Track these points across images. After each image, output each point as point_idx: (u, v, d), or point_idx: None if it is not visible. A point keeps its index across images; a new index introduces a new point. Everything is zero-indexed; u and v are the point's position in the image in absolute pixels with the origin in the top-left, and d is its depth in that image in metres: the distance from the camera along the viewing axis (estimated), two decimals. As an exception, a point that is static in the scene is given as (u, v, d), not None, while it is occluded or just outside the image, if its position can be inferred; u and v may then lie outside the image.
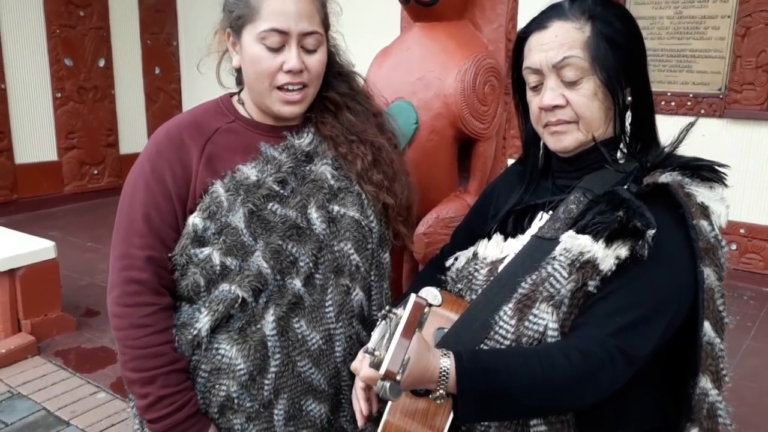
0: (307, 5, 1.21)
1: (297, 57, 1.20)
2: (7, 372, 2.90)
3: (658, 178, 1.00)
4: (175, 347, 1.22)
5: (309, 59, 1.22)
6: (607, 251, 0.94)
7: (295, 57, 1.20)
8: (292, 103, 1.24)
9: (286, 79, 1.21)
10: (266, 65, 1.21)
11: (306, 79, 1.23)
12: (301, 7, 1.19)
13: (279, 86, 1.22)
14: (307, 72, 1.23)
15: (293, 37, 1.19)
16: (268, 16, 1.18)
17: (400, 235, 1.40)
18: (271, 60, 1.20)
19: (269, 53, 1.20)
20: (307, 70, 1.22)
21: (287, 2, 1.18)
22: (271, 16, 1.18)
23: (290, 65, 1.19)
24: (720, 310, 1.00)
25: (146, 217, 1.21)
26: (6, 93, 5.63)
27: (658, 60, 4.20)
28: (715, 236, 1.00)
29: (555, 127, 1.09)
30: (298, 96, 1.24)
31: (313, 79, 1.25)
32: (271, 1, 1.18)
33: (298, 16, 1.19)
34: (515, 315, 1.00)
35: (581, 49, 1.05)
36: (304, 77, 1.23)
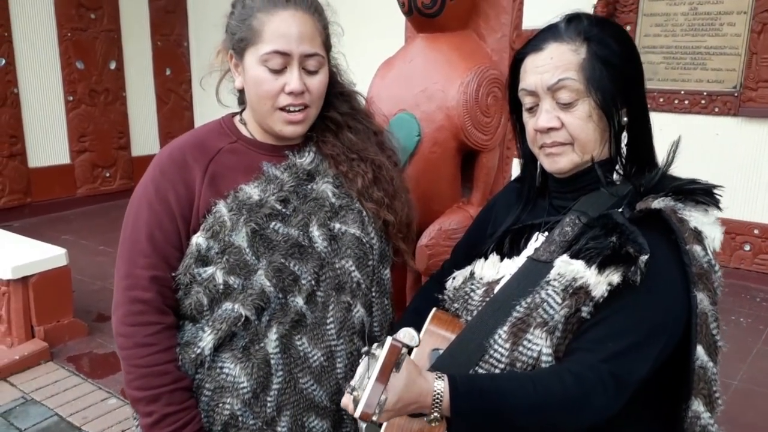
0: (309, 28, 1.22)
1: (298, 79, 1.21)
2: (21, 378, 2.94)
3: (651, 204, 1.00)
4: (179, 366, 1.23)
5: (310, 81, 1.23)
6: (599, 277, 0.94)
7: (297, 79, 1.20)
8: (294, 123, 1.25)
9: (288, 101, 1.22)
10: (268, 87, 1.22)
11: (307, 100, 1.24)
12: (303, 29, 1.20)
13: (281, 107, 1.23)
14: (308, 93, 1.24)
15: (295, 58, 1.20)
16: (270, 38, 1.19)
17: (400, 252, 1.42)
18: (273, 82, 1.21)
19: (271, 75, 1.21)
20: (308, 92, 1.23)
21: (289, 25, 1.20)
22: (273, 38, 1.19)
23: (292, 87, 1.20)
24: (713, 334, 1.00)
25: (150, 237, 1.23)
26: (19, 97, 5.69)
27: (672, 57, 4.15)
28: (708, 261, 0.99)
29: (550, 148, 1.09)
30: (299, 116, 1.25)
31: (315, 100, 1.26)
32: (273, 24, 1.20)
33: (300, 39, 1.20)
34: (510, 339, 1.00)
35: (576, 72, 1.04)
36: (305, 98, 1.24)
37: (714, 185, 1.05)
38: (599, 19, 1.10)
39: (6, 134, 5.60)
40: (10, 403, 2.74)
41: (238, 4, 1.27)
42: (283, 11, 1.21)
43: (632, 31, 4.20)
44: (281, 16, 1.20)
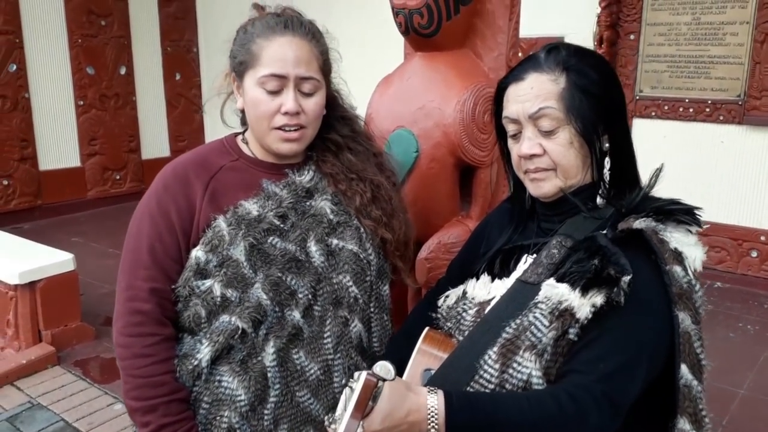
0: (305, 52, 1.26)
1: (293, 100, 1.25)
2: (27, 382, 2.99)
3: (632, 224, 1.02)
4: (176, 377, 1.26)
5: (306, 102, 1.28)
6: (583, 300, 0.96)
7: (292, 100, 1.25)
8: (290, 140, 1.29)
9: (284, 121, 1.27)
10: (265, 108, 1.27)
11: (303, 121, 1.29)
12: (299, 53, 1.25)
13: (277, 127, 1.28)
14: (304, 114, 1.28)
15: (291, 81, 1.25)
16: (267, 62, 1.25)
17: (397, 269, 1.45)
18: (270, 103, 1.26)
19: (268, 96, 1.26)
20: (304, 113, 1.28)
21: (286, 49, 1.25)
22: (270, 62, 1.25)
23: (287, 107, 1.25)
24: (697, 353, 1.03)
25: (151, 250, 1.27)
26: (30, 102, 5.76)
27: (675, 66, 4.16)
28: (688, 281, 1.02)
29: (534, 174, 1.13)
30: (295, 135, 1.29)
31: (311, 121, 1.30)
32: (271, 49, 1.25)
33: (296, 62, 1.25)
34: (499, 359, 1.02)
35: (556, 101, 1.08)
36: (301, 119, 1.28)
37: (694, 206, 1.08)
38: (578, 50, 1.14)
39: (17, 138, 5.68)
40: (16, 408, 2.78)
41: (240, 31, 1.33)
42: (280, 37, 1.26)
43: (636, 40, 4.21)
44: (279, 41, 1.26)
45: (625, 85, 4.30)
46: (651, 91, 4.24)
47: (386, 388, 0.91)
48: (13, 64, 5.58)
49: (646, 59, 4.22)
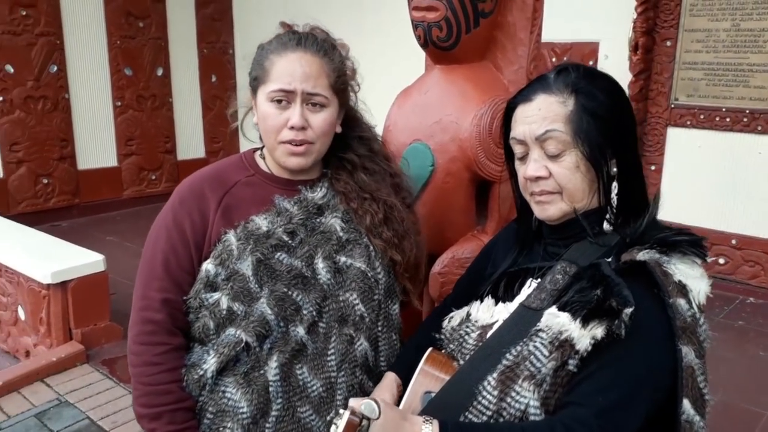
0: (314, 69, 1.28)
1: (299, 115, 1.27)
2: (57, 379, 3.06)
3: (636, 255, 1.00)
4: (183, 386, 1.29)
5: (313, 117, 1.29)
6: (583, 331, 0.94)
7: (298, 115, 1.27)
8: (296, 154, 1.31)
9: (290, 136, 1.29)
10: (272, 122, 1.29)
11: (309, 136, 1.30)
12: (307, 69, 1.27)
13: (284, 141, 1.30)
14: (311, 129, 1.29)
15: (297, 95, 1.27)
16: (276, 77, 1.28)
17: (406, 291, 1.44)
18: (278, 117, 1.29)
19: (276, 110, 1.29)
20: (311, 128, 1.29)
21: (294, 65, 1.27)
22: (279, 77, 1.27)
23: (292, 122, 1.28)
24: (701, 388, 1.00)
25: (165, 262, 1.30)
26: (69, 102, 5.91)
27: (713, 74, 4.05)
28: (692, 315, 0.99)
29: (539, 197, 1.12)
30: (301, 149, 1.30)
31: (318, 136, 1.31)
32: (281, 65, 1.28)
33: (304, 78, 1.27)
34: (498, 386, 1.01)
35: (563, 123, 1.06)
36: (308, 134, 1.29)
37: (700, 237, 1.04)
38: (588, 72, 1.11)
39: (57, 138, 5.83)
40: (45, 404, 2.85)
41: (259, 48, 1.36)
42: (291, 53, 1.28)
43: (672, 47, 4.11)
44: (289, 57, 1.28)
45: (660, 93, 4.20)
46: (687, 99, 4.13)
47: (381, 417, 0.90)
48: (53, 65, 5.74)
49: (682, 66, 4.11)
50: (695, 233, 1.06)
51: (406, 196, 1.49)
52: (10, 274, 3.43)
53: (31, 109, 5.63)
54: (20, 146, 5.61)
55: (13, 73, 5.50)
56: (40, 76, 5.65)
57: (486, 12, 1.70)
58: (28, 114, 5.62)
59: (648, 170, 4.30)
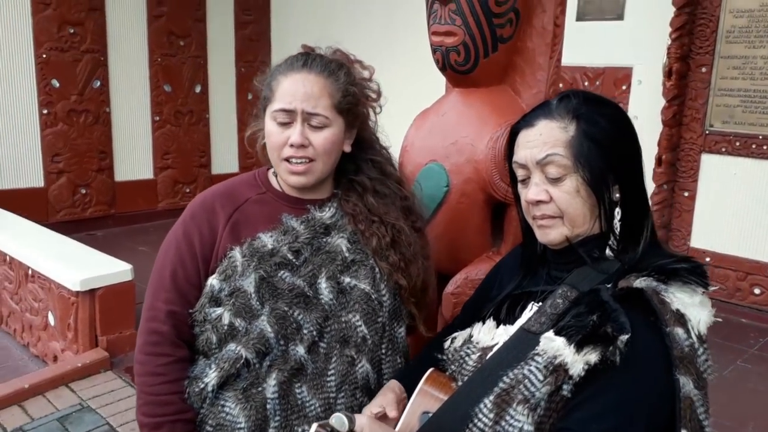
0: (316, 89, 1.30)
1: (300, 133, 1.29)
2: (81, 385, 3.13)
3: (633, 282, 0.99)
4: (184, 398, 1.30)
5: (314, 136, 1.30)
6: (577, 356, 0.93)
7: (298, 133, 1.29)
8: (297, 173, 1.32)
9: (290, 153, 1.31)
10: (274, 139, 1.32)
11: (311, 154, 1.31)
12: (309, 90, 1.29)
13: (285, 158, 1.32)
14: (312, 147, 1.31)
15: (298, 114, 1.29)
16: (280, 97, 1.30)
17: (412, 315, 1.43)
18: (280, 135, 1.31)
19: (278, 129, 1.31)
20: (312, 146, 1.30)
21: (297, 85, 1.29)
22: (282, 97, 1.30)
23: (292, 140, 1.29)
24: (700, 419, 0.97)
25: (173, 274, 1.32)
26: (110, 116, 6.10)
27: (749, 101, 3.97)
28: (690, 345, 0.97)
29: (541, 221, 1.12)
30: (301, 167, 1.32)
31: (320, 154, 1.32)
32: (285, 85, 1.30)
33: (305, 98, 1.29)
34: (494, 409, 1.00)
35: (564, 148, 1.07)
36: (308, 152, 1.31)
37: (697, 264, 1.03)
38: (591, 98, 1.11)
39: (96, 150, 6.01)
40: (68, 409, 2.92)
41: (269, 69, 1.38)
42: (296, 74, 1.31)
43: (708, 73, 4.05)
44: (293, 78, 1.30)
45: (694, 119, 4.14)
46: (722, 126, 4.05)
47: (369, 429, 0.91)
48: (97, 80, 5.94)
49: (717, 93, 4.05)
50: (697, 260, 1.04)
51: (416, 219, 1.48)
52: (42, 280, 3.54)
53: (73, 121, 5.83)
54: (61, 157, 5.80)
55: (59, 87, 5.71)
56: (83, 90, 5.86)
57: (505, 37, 1.71)
58: (71, 126, 5.82)
59: (681, 196, 4.23)
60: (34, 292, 3.66)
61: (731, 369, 3.30)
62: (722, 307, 4.09)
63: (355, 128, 1.40)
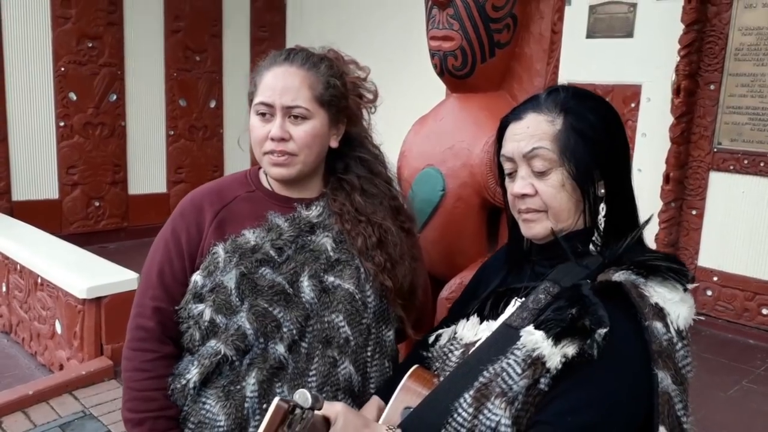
0: (296, 82, 1.30)
1: (279, 127, 1.29)
2: (84, 392, 3.15)
3: (612, 276, 0.98)
4: (168, 395, 1.30)
5: (294, 129, 1.31)
6: (554, 349, 0.93)
7: (277, 127, 1.30)
8: (278, 165, 1.33)
9: (271, 146, 1.31)
10: (256, 133, 1.32)
11: (291, 148, 1.31)
12: (288, 83, 1.30)
13: (266, 152, 1.32)
14: (293, 141, 1.31)
15: (277, 108, 1.30)
16: (261, 91, 1.31)
17: (400, 319, 1.41)
18: (261, 129, 1.31)
19: (261, 123, 1.32)
20: (293, 139, 1.31)
21: (277, 80, 1.30)
22: (263, 91, 1.31)
23: (272, 133, 1.30)
24: (679, 416, 0.96)
25: (160, 272, 1.33)
26: (125, 129, 6.19)
27: (758, 119, 3.95)
28: (668, 339, 0.96)
29: (525, 214, 1.11)
30: (282, 159, 1.32)
31: (301, 147, 1.32)
32: (266, 79, 1.32)
33: (283, 91, 1.29)
34: (473, 404, 0.99)
35: (551, 141, 1.07)
36: (289, 146, 1.31)
37: (677, 261, 1.02)
38: (579, 92, 1.12)
39: (111, 163, 6.10)
40: (70, 416, 2.93)
41: (257, 66, 1.39)
42: (277, 68, 1.32)
43: (716, 91, 4.04)
44: (274, 71, 1.31)
45: (702, 137, 4.12)
46: (730, 143, 4.03)
47: (341, 422, 0.91)
48: (113, 94, 6.04)
49: (726, 110, 4.03)
50: (679, 258, 1.03)
51: (405, 220, 1.47)
52: (51, 288, 3.58)
53: (89, 134, 5.93)
54: (76, 169, 5.89)
55: (76, 100, 5.82)
56: (100, 104, 5.96)
57: (502, 43, 1.73)
58: (86, 139, 5.91)
59: (689, 215, 4.19)
60: (42, 300, 3.70)
61: (736, 389, 3.25)
62: (729, 328, 4.03)
63: (341, 123, 1.39)
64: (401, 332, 1.45)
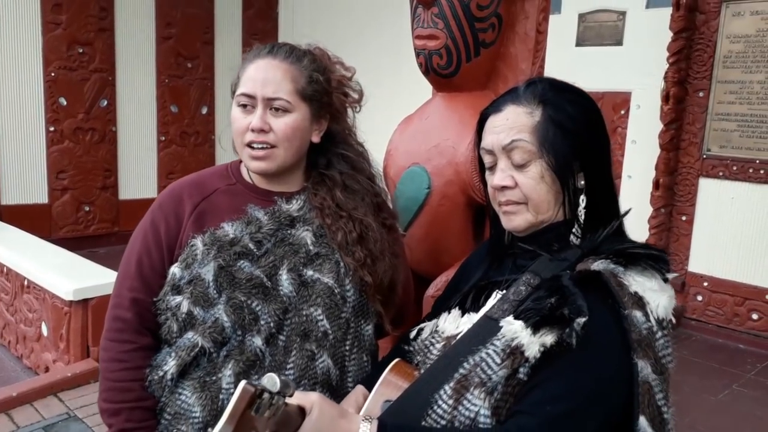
0: (278, 75, 1.30)
1: (260, 118, 1.29)
2: (69, 394, 3.11)
3: (590, 265, 0.98)
4: (145, 386, 1.29)
5: (275, 121, 1.30)
6: (533, 338, 0.92)
7: (258, 117, 1.29)
8: (257, 158, 1.32)
9: (252, 137, 1.30)
10: (237, 125, 1.32)
11: (272, 140, 1.31)
12: (269, 75, 1.30)
13: (247, 143, 1.32)
14: (273, 133, 1.30)
15: (258, 100, 1.29)
16: (243, 83, 1.32)
17: (379, 314, 1.40)
18: (242, 120, 1.31)
19: (242, 114, 1.31)
20: (273, 131, 1.30)
21: (258, 71, 1.31)
22: (245, 83, 1.31)
23: (253, 124, 1.29)
24: (659, 405, 0.95)
25: (139, 262, 1.33)
26: (116, 135, 6.18)
27: (746, 126, 3.98)
28: (648, 328, 0.95)
29: (506, 207, 1.11)
30: (262, 153, 1.31)
31: (281, 140, 1.31)
32: (249, 71, 1.32)
33: (264, 83, 1.29)
34: (453, 395, 0.99)
35: (529, 133, 1.07)
36: (269, 137, 1.30)
37: (657, 249, 1.02)
38: (558, 84, 1.12)
39: (101, 168, 6.08)
40: (55, 418, 2.90)
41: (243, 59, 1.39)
42: (260, 60, 1.32)
43: (705, 98, 4.07)
44: (257, 64, 1.32)
45: (691, 143, 4.14)
46: (719, 150, 4.06)
47: (316, 412, 0.90)
48: (104, 99, 6.03)
49: (715, 117, 4.06)
50: (659, 248, 1.03)
51: (387, 217, 1.47)
52: (37, 290, 3.55)
53: (79, 139, 5.91)
54: (66, 174, 5.87)
55: (66, 105, 5.80)
56: (90, 109, 5.95)
57: (487, 42, 1.74)
58: (77, 144, 5.90)
59: (679, 221, 4.21)
60: (29, 302, 3.67)
61: (726, 393, 3.25)
62: (720, 333, 4.04)
63: (324, 119, 1.39)
64: (381, 328, 1.44)
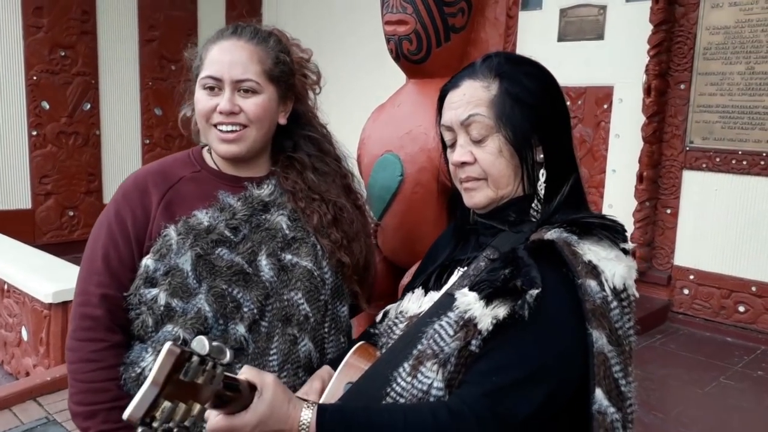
0: (245, 56, 1.28)
1: (228, 100, 1.27)
2: (49, 399, 3.06)
3: (544, 235, 0.97)
4: (120, 385, 1.25)
5: (244, 102, 1.28)
6: (486, 310, 0.91)
7: (227, 100, 1.27)
8: (228, 141, 1.29)
9: (219, 119, 1.28)
10: (202, 106, 1.30)
11: (243, 120, 1.28)
12: (237, 57, 1.28)
13: (214, 124, 1.29)
14: (244, 114, 1.28)
15: (226, 82, 1.27)
16: (208, 65, 1.29)
17: (355, 294, 1.40)
18: (208, 101, 1.29)
19: (207, 96, 1.29)
20: (243, 112, 1.28)
21: (223, 53, 1.28)
22: (210, 65, 1.29)
23: (221, 107, 1.27)
24: (616, 378, 0.93)
25: (105, 257, 1.28)
26: (100, 139, 6.12)
27: (728, 117, 3.98)
28: (603, 297, 0.94)
29: (466, 183, 1.10)
30: (232, 135, 1.29)
31: (252, 120, 1.29)
32: (213, 53, 1.29)
33: (231, 65, 1.27)
34: (411, 372, 0.97)
35: (486, 107, 1.05)
36: (240, 118, 1.28)
37: (611, 220, 1.01)
38: (514, 58, 1.11)
39: (85, 172, 6.02)
40: (33, 422, 2.85)
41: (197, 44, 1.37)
42: (225, 41, 1.30)
43: (686, 90, 4.07)
44: (221, 45, 1.29)
45: (674, 136, 4.14)
46: (702, 142, 4.06)
47: (269, 393, 0.87)
48: (87, 103, 5.98)
49: (696, 109, 4.06)
50: (616, 219, 1.02)
51: (357, 198, 1.46)
52: (17, 294, 3.50)
53: (62, 143, 5.85)
54: (49, 179, 5.80)
55: (48, 109, 5.74)
56: (73, 113, 5.89)
57: (457, 27, 1.72)
58: (60, 148, 5.84)
59: (663, 213, 4.20)
60: (9, 307, 3.62)
61: (713, 385, 3.24)
62: (707, 326, 4.03)
63: (289, 100, 1.37)
64: (354, 307, 1.43)
